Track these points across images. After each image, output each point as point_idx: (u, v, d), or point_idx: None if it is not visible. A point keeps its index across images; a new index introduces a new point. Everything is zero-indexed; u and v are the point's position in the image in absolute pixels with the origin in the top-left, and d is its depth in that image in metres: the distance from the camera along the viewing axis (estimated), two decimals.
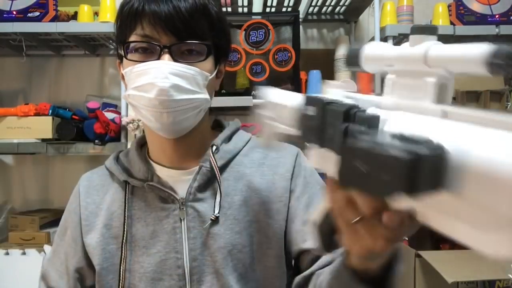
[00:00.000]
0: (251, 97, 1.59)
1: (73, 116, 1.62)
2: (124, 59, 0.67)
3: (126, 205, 0.71)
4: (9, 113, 1.55)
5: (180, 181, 0.71)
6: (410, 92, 0.33)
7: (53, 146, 1.55)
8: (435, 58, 0.31)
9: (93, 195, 0.75)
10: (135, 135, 1.53)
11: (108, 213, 0.72)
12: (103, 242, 0.71)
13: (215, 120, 0.81)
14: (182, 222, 0.69)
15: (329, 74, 1.74)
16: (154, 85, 0.61)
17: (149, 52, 0.65)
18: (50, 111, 1.56)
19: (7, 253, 1.56)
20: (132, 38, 0.65)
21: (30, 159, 1.92)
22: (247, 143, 0.76)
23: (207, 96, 0.67)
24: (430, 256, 1.40)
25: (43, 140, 1.57)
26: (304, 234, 0.70)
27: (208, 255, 0.68)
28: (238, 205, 0.70)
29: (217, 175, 0.69)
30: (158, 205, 0.70)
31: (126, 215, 0.70)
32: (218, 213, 0.68)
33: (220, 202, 0.69)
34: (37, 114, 1.55)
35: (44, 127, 1.54)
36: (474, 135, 0.26)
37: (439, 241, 1.82)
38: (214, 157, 0.70)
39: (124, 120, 1.53)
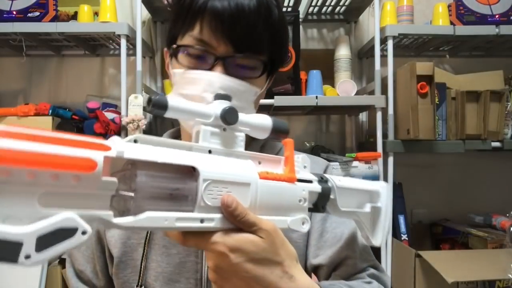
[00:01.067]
0: None
1: (73, 116, 1.62)
2: (173, 57, 0.65)
3: None
4: (9, 113, 1.55)
5: None
6: (222, 141, 0.46)
7: None
8: (245, 123, 0.47)
9: None
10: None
11: None
12: (125, 235, 0.71)
13: None
14: None
15: (329, 74, 1.74)
16: (203, 99, 0.59)
17: (202, 59, 0.61)
18: (50, 111, 1.55)
19: None
20: (187, 39, 0.62)
21: None
22: (278, 153, 0.75)
23: (253, 112, 0.65)
24: (430, 256, 1.40)
25: None
26: (316, 248, 0.70)
27: None
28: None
29: None
30: None
31: None
32: None
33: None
34: (37, 114, 1.55)
35: (44, 127, 1.54)
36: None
37: (439, 241, 1.82)
38: None
39: (124, 120, 1.52)
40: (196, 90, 0.60)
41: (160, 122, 1.93)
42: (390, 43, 1.63)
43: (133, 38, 1.62)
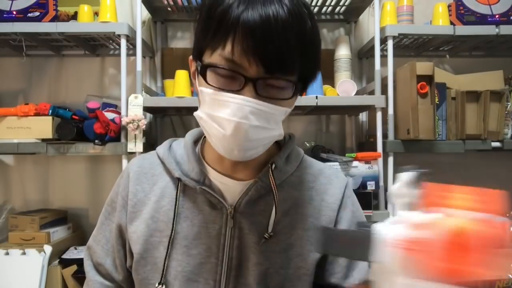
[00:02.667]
0: None
1: (73, 116, 1.62)
2: (198, 71, 0.63)
3: (177, 202, 0.71)
4: (9, 113, 1.55)
5: (231, 190, 0.71)
6: None
7: (53, 146, 1.55)
8: None
9: (143, 182, 0.74)
10: (135, 135, 1.53)
11: (157, 206, 0.72)
12: (147, 233, 0.71)
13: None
14: (227, 230, 0.69)
15: (329, 74, 1.74)
16: (232, 123, 0.58)
17: (232, 78, 0.59)
18: (50, 111, 1.56)
19: (7, 253, 1.56)
20: (216, 58, 0.59)
21: (30, 159, 1.92)
22: (300, 162, 0.76)
23: (281, 131, 0.64)
24: None
25: (43, 140, 1.57)
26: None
27: (246, 268, 0.68)
28: (282, 226, 0.70)
29: (275, 194, 0.68)
30: (206, 208, 0.70)
31: (175, 213, 0.70)
32: (271, 232, 0.69)
33: (274, 220, 0.68)
34: (37, 114, 1.55)
35: (44, 127, 1.54)
36: None
37: None
38: (273, 176, 0.68)
39: (124, 120, 1.52)
40: (226, 114, 0.58)
41: (160, 122, 1.93)
42: (390, 43, 1.63)
43: (133, 38, 1.62)
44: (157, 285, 0.69)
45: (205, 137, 0.75)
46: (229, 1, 0.57)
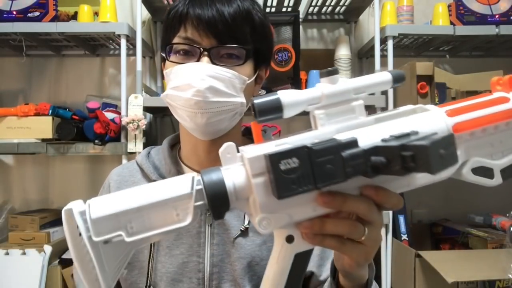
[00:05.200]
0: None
1: (73, 116, 1.62)
2: (166, 61, 0.70)
3: None
4: (9, 113, 1.55)
5: None
6: (343, 116, 0.42)
7: (53, 146, 1.55)
8: (360, 88, 0.43)
9: (123, 189, 0.75)
10: (135, 135, 1.53)
11: None
12: None
13: (246, 128, 0.81)
14: (207, 228, 0.70)
15: None
16: (191, 86, 0.63)
17: (190, 55, 0.67)
18: (50, 111, 1.55)
19: (7, 253, 1.56)
20: (175, 40, 0.68)
21: (30, 159, 1.92)
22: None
23: (243, 100, 0.68)
24: (430, 256, 1.40)
25: (43, 140, 1.57)
26: (320, 258, 0.72)
27: (228, 263, 0.69)
28: None
29: None
30: None
31: None
32: (248, 224, 0.70)
33: None
34: (37, 114, 1.55)
35: (44, 127, 1.54)
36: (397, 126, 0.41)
37: (439, 241, 1.82)
38: None
39: (124, 120, 1.52)
40: (185, 79, 0.64)
41: (160, 122, 1.93)
42: (390, 43, 1.63)
43: (133, 38, 1.62)
44: None
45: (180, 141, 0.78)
46: (178, 5, 0.67)
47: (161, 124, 1.93)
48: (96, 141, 1.54)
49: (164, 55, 0.70)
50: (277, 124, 1.59)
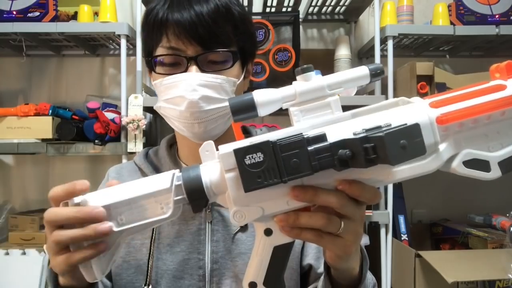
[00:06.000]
0: None
1: (73, 116, 1.62)
2: (152, 71, 0.69)
3: None
4: (9, 113, 1.55)
5: None
6: (319, 112, 0.43)
7: (53, 146, 1.55)
8: (335, 84, 0.43)
9: None
10: (135, 135, 1.53)
11: None
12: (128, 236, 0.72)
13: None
14: (207, 225, 0.70)
15: (329, 74, 1.73)
16: (184, 98, 0.64)
17: (177, 65, 0.66)
18: (50, 111, 1.55)
19: (7, 253, 1.56)
20: (159, 51, 0.67)
21: (30, 159, 1.92)
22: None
23: None
24: (430, 256, 1.40)
25: (43, 140, 1.57)
26: (318, 251, 0.72)
27: (229, 259, 0.69)
28: None
29: None
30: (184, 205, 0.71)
31: None
32: None
33: None
34: (37, 114, 1.55)
35: (44, 127, 1.54)
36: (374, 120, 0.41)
37: (439, 241, 1.82)
38: None
39: (124, 120, 1.52)
40: (177, 92, 0.64)
41: (160, 123, 1.93)
42: (390, 43, 1.63)
43: (133, 38, 1.62)
44: (143, 286, 0.69)
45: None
46: (156, 7, 0.66)
47: (161, 124, 1.93)
48: (96, 141, 1.54)
49: (149, 65, 0.70)
50: (277, 124, 1.59)
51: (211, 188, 0.43)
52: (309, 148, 0.38)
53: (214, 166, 0.43)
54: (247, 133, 0.81)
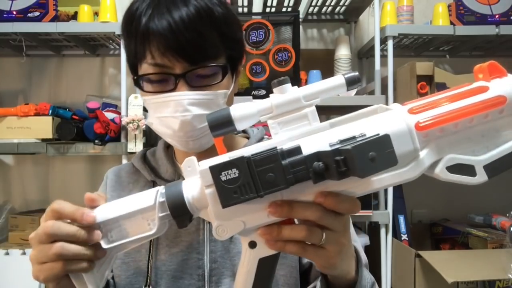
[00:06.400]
0: (251, 97, 1.59)
1: (73, 116, 1.62)
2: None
3: None
4: (9, 113, 1.55)
5: None
6: (296, 124, 0.43)
7: (53, 146, 1.55)
8: (311, 95, 0.43)
9: (118, 190, 0.76)
10: (135, 135, 1.53)
11: None
12: None
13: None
14: (206, 225, 0.70)
15: (329, 74, 1.74)
16: (176, 118, 0.63)
17: (164, 81, 0.64)
18: (50, 111, 1.56)
19: (7, 253, 1.56)
20: (144, 67, 0.64)
21: (30, 159, 1.92)
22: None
23: None
24: (430, 256, 1.40)
25: (43, 140, 1.57)
26: None
27: (228, 259, 0.69)
28: None
29: None
30: None
31: None
32: None
33: None
34: (37, 114, 1.55)
35: (44, 127, 1.54)
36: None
37: (439, 241, 1.82)
38: None
39: (124, 120, 1.52)
40: (168, 112, 0.63)
41: None
42: (390, 43, 1.63)
43: None
44: (143, 287, 0.69)
45: None
46: (136, 14, 0.62)
47: None
48: (96, 141, 1.54)
49: (136, 84, 0.67)
50: None
51: (193, 203, 0.44)
52: (283, 162, 0.38)
53: (195, 182, 0.44)
54: (244, 133, 0.80)
